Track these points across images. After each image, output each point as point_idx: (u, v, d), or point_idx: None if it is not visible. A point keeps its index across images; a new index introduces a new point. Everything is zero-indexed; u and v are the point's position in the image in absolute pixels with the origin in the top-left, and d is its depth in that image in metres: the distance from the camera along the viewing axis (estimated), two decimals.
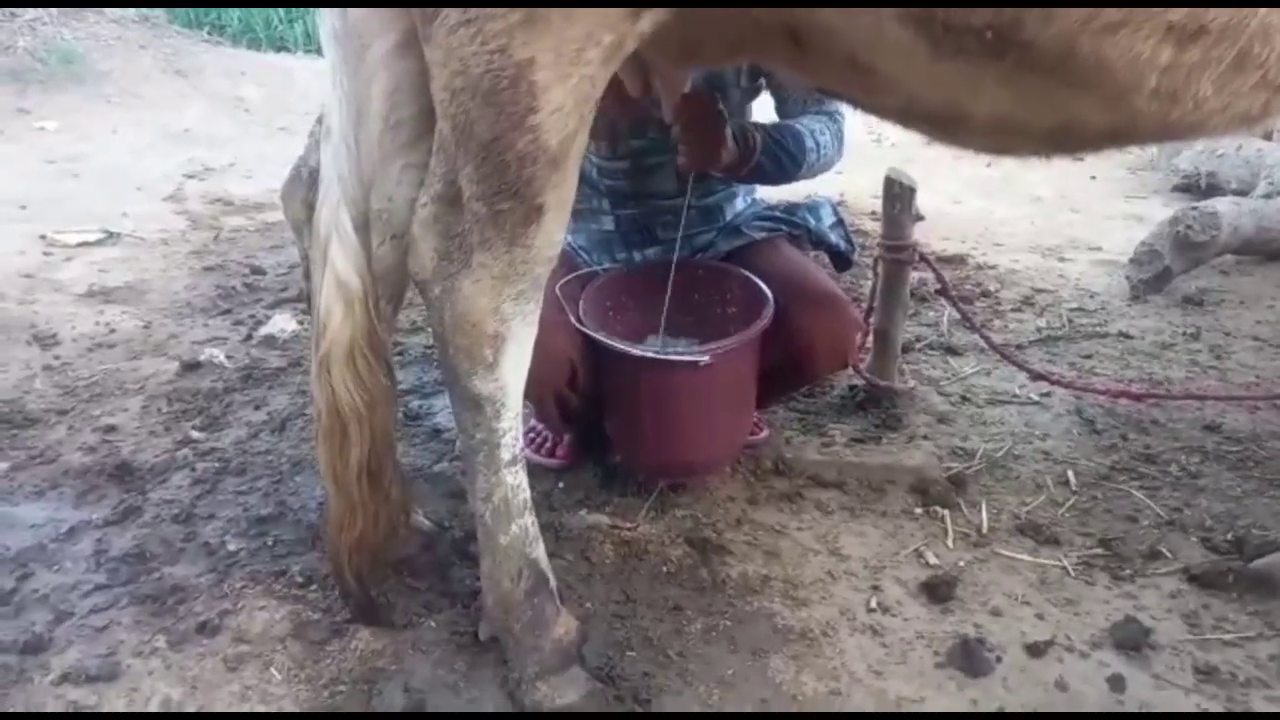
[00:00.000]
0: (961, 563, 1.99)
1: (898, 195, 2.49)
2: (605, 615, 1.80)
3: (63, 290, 3.54)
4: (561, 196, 1.42)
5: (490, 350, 1.48)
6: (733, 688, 1.64)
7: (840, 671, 1.68)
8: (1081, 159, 2.32)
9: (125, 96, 6.87)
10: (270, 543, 1.99)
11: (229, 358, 2.97)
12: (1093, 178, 5.70)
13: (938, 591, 1.87)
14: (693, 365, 1.93)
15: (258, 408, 2.65)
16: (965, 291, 3.63)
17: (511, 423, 1.55)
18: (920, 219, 2.67)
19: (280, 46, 9.14)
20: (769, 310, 2.04)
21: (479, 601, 1.71)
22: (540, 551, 1.65)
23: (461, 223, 1.46)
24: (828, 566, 1.98)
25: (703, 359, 1.93)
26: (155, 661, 1.65)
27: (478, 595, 1.73)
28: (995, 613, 1.84)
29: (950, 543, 2.06)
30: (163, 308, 3.44)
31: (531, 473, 1.67)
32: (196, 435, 2.48)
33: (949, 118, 1.50)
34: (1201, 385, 2.85)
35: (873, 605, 1.86)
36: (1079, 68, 1.24)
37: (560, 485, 2.25)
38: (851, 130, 2.35)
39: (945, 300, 2.86)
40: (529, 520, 1.62)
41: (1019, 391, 2.79)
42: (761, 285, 2.13)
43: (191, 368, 2.88)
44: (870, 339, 2.65)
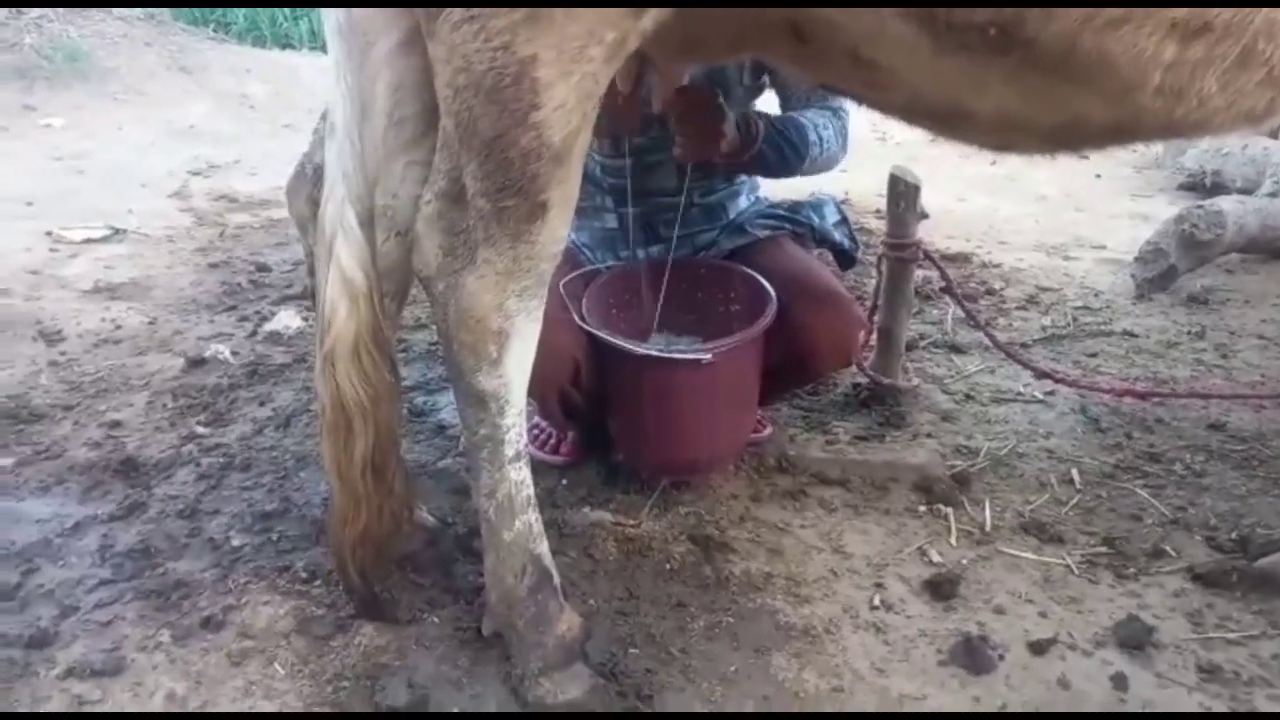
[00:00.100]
0: (965, 561, 1.99)
1: (902, 193, 2.49)
2: (608, 612, 1.81)
3: (68, 286, 3.55)
4: (565, 193, 1.42)
5: (495, 346, 1.48)
6: (735, 685, 1.64)
7: (843, 669, 1.68)
8: (1086, 156, 2.31)
9: (131, 94, 6.89)
10: (274, 538, 1.99)
11: (234, 354, 2.97)
12: (1098, 176, 5.68)
13: (941, 589, 1.87)
14: (695, 363, 1.93)
15: (262, 403, 2.66)
16: (970, 289, 3.62)
17: (515, 419, 1.55)
18: (925, 217, 2.67)
19: (285, 44, 9.15)
20: (772, 308, 2.04)
21: (482, 597, 1.71)
22: (544, 548, 1.65)
23: (466, 219, 1.46)
24: (831, 564, 1.98)
25: (705, 357, 1.92)
26: (159, 656, 1.65)
27: (481, 591, 1.73)
28: (998, 611, 1.84)
29: (953, 541, 2.06)
30: (168, 304, 3.44)
31: (535, 469, 1.67)
32: (201, 431, 2.49)
33: (952, 114, 1.50)
34: (1206, 384, 2.84)
35: (876, 603, 1.86)
36: (1082, 64, 1.24)
37: (564, 482, 2.25)
38: (856, 128, 2.35)
39: (950, 298, 2.85)
40: (533, 516, 1.62)
41: (1023, 390, 2.78)
42: (765, 283, 2.12)
43: (197, 364, 2.89)
44: (874, 337, 2.65)
